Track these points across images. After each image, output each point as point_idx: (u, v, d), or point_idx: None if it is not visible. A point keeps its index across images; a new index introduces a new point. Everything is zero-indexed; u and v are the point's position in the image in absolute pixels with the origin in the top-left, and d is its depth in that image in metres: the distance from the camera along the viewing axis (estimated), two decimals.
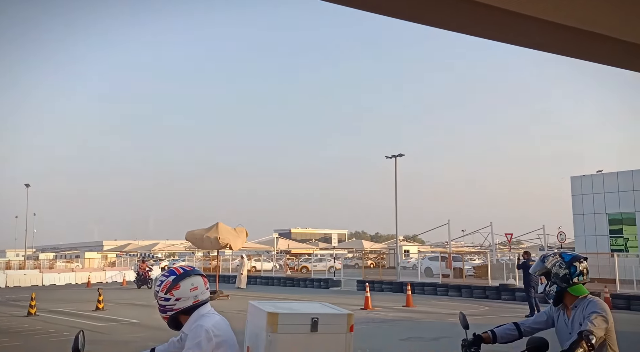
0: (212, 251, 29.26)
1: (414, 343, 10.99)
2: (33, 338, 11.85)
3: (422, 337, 11.76)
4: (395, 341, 11.16)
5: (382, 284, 26.22)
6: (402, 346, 10.68)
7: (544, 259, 3.44)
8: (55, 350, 9.93)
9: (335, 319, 2.85)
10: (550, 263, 3.37)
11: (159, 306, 2.88)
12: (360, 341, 10.68)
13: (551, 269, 3.35)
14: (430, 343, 10.83)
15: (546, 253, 3.52)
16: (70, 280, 34.44)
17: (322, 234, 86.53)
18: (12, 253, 67.18)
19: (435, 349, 10.19)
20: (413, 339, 11.45)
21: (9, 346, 10.96)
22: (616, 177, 27.22)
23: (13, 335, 12.34)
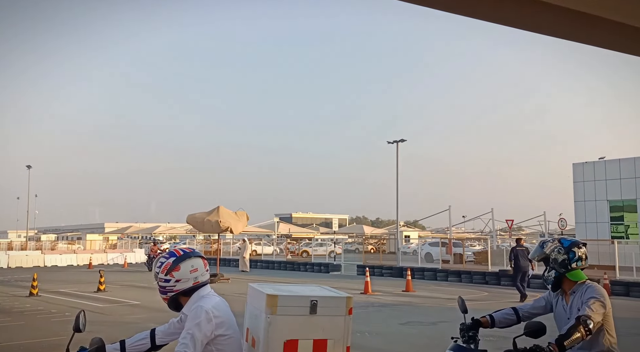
0: (212, 234, 29.33)
1: (413, 327, 11.06)
2: (35, 318, 11.94)
3: (421, 321, 11.84)
4: (394, 325, 11.24)
5: (382, 269, 26.35)
6: (401, 329, 10.75)
7: (543, 245, 3.44)
8: (57, 330, 10.01)
9: (334, 301, 2.86)
10: (549, 249, 3.37)
11: (159, 287, 2.89)
12: (360, 324, 10.75)
13: (550, 254, 3.35)
14: (429, 327, 10.91)
15: (545, 239, 3.52)
16: (71, 261, 34.66)
17: (323, 218, 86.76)
18: (14, 234, 67.56)
19: (434, 333, 10.27)
20: (412, 323, 11.53)
21: (11, 325, 11.06)
22: (618, 164, 27.15)
23: (15, 315, 12.45)
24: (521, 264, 15.67)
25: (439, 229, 48.81)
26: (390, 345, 9.06)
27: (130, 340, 2.97)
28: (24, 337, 9.63)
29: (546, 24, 1.71)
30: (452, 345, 3.35)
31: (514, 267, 15.88)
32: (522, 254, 15.82)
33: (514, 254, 16.01)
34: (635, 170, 26.26)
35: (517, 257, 15.79)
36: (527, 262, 15.66)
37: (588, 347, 3.22)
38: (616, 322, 3.29)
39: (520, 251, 15.97)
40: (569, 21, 1.62)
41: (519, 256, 15.79)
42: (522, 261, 15.69)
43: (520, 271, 15.70)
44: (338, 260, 31.63)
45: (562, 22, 1.66)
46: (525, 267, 15.77)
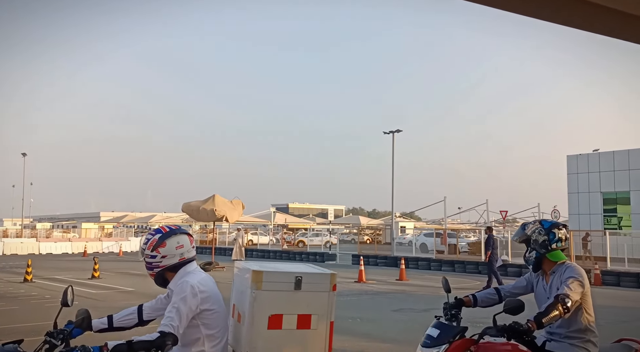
0: (208, 223, 29.40)
1: (405, 314, 11.18)
2: (29, 303, 12.01)
3: (413, 308, 11.96)
4: (387, 312, 11.35)
5: (377, 259, 26.49)
6: (392, 316, 10.87)
7: (524, 227, 3.51)
8: (51, 314, 10.06)
9: (318, 278, 2.92)
10: (530, 230, 3.44)
11: (146, 263, 2.94)
12: (352, 311, 10.87)
13: (531, 235, 3.42)
14: (421, 314, 11.02)
15: (526, 221, 3.59)
16: (66, 249, 34.70)
17: (320, 209, 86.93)
18: (10, 222, 67.41)
19: (425, 319, 10.37)
20: (404, 310, 11.65)
21: (5, 310, 11.12)
22: (612, 156, 27.26)
23: (9, 300, 12.51)
24: (494, 252, 16.25)
25: (434, 220, 49.03)
26: (382, 330, 9.16)
27: (118, 315, 3.03)
28: (17, 321, 9.68)
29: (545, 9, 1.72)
30: (434, 322, 3.43)
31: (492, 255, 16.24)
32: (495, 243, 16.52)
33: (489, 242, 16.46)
34: (629, 163, 26.39)
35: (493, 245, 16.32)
36: (497, 250, 16.44)
37: (567, 326, 3.30)
38: (607, 311, 3.38)
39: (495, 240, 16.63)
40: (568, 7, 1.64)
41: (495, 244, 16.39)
42: (494, 249, 16.34)
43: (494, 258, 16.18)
44: (334, 250, 31.77)
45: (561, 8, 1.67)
46: (497, 255, 16.43)
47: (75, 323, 2.76)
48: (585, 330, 3.29)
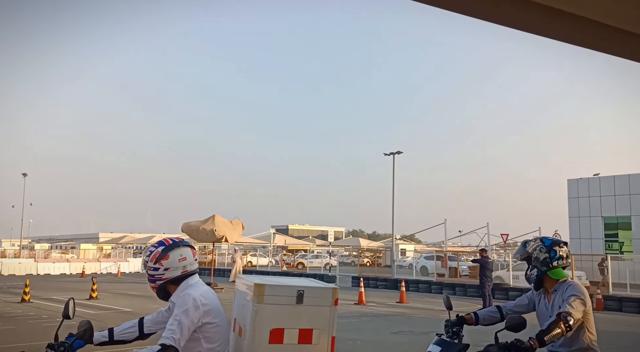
0: (208, 244, 29.23)
1: (405, 336, 11.07)
2: (26, 323, 11.91)
3: (414, 331, 11.85)
4: (387, 334, 11.24)
5: (377, 281, 26.32)
6: (392, 338, 10.76)
7: (525, 244, 3.51)
8: (49, 334, 9.97)
9: (320, 292, 2.91)
10: (531, 247, 3.44)
11: (148, 275, 2.94)
12: (352, 333, 10.76)
13: (532, 253, 3.42)
14: (421, 337, 10.91)
15: (527, 239, 3.60)
16: (64, 270, 34.49)
17: (319, 231, 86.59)
18: (8, 243, 67.09)
19: (425, 342, 10.27)
20: (405, 333, 11.54)
21: (2, 329, 11.02)
22: (613, 180, 27.29)
23: (6, 320, 12.40)
24: (488, 274, 16.10)
25: (435, 242, 48.80)
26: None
27: (119, 328, 3.02)
28: (14, 341, 9.60)
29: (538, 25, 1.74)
30: (436, 339, 3.41)
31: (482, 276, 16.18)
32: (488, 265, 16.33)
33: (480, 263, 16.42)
34: (629, 187, 26.40)
35: (485, 267, 16.19)
36: (491, 273, 16.28)
37: (568, 344, 3.28)
38: (609, 336, 3.37)
39: (489, 262, 16.47)
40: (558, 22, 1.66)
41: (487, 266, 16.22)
42: (489, 271, 16.17)
43: (486, 280, 16.05)
44: (333, 272, 31.57)
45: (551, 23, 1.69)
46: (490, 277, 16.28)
47: (77, 335, 2.75)
48: (587, 349, 3.27)
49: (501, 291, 21.09)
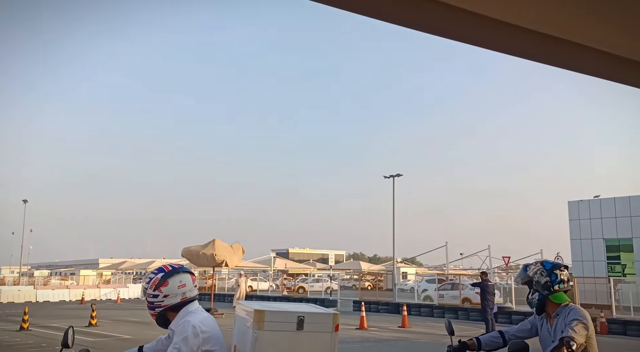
0: (208, 269, 29.04)
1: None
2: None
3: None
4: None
5: (379, 305, 26.09)
6: None
7: (526, 268, 3.50)
8: None
9: (321, 317, 2.90)
10: (532, 271, 3.43)
11: (148, 302, 2.92)
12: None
13: (533, 277, 3.41)
14: None
15: (528, 262, 3.59)
16: (64, 297, 34.19)
17: (320, 254, 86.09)
18: (7, 270, 66.67)
19: None
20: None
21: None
22: (613, 202, 27.24)
23: (5, 349, 12.26)
24: (489, 298, 15.76)
25: (436, 266, 48.49)
26: None
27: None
28: None
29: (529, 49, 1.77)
30: None
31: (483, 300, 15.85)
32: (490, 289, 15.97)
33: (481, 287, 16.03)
34: (630, 209, 26.34)
35: (486, 291, 15.80)
36: (492, 296, 15.94)
37: None
38: None
39: (489, 285, 16.08)
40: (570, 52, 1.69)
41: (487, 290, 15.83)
42: (490, 295, 15.82)
43: (488, 304, 15.72)
44: (334, 296, 31.30)
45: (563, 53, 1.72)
46: (492, 301, 15.93)
47: None
48: None
49: (504, 315, 20.89)
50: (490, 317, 15.71)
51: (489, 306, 15.73)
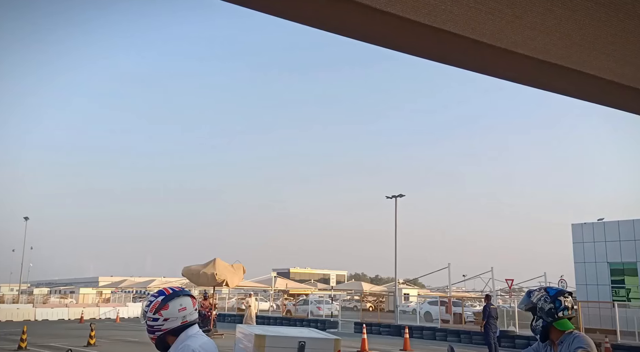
0: (208, 289, 28.79)
1: None
2: None
3: None
4: None
5: (380, 327, 25.82)
6: None
7: (529, 294, 3.47)
8: None
9: (322, 343, 2.87)
10: (535, 298, 3.39)
11: (147, 326, 2.89)
12: None
13: (537, 303, 3.37)
14: None
15: (532, 288, 3.55)
16: (63, 315, 33.94)
17: (321, 274, 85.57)
18: (7, 288, 66.38)
19: None
20: None
21: None
22: (617, 226, 27.07)
23: None
24: (492, 322, 15.69)
25: (438, 287, 48.10)
26: None
27: None
28: None
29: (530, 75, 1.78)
30: None
31: (486, 324, 15.74)
32: (493, 312, 15.91)
33: (484, 311, 15.99)
34: (634, 233, 26.14)
35: (489, 315, 15.74)
36: (495, 320, 15.91)
37: None
38: None
39: (492, 309, 16.04)
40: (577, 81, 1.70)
41: (491, 314, 15.78)
42: (493, 319, 15.78)
43: (491, 328, 15.66)
44: (335, 317, 31.01)
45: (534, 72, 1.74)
46: (495, 325, 15.87)
47: None
48: None
49: (508, 339, 20.64)
50: (493, 341, 15.58)
51: (492, 329, 15.62)
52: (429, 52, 1.64)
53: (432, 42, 1.55)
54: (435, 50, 1.61)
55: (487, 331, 15.67)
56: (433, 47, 1.59)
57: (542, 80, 1.80)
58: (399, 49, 1.63)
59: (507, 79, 1.85)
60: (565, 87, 1.83)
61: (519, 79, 1.83)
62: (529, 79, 1.82)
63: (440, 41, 1.51)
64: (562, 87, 1.84)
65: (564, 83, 1.79)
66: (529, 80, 1.82)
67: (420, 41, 1.54)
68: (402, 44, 1.58)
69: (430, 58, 1.67)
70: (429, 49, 1.61)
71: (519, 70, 1.71)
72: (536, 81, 1.82)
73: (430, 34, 1.47)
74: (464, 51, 1.60)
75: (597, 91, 1.82)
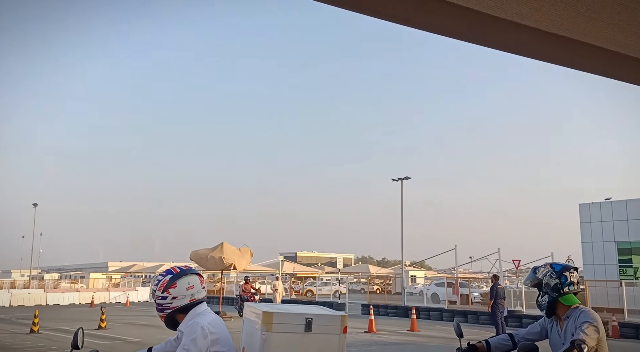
0: (216, 272, 29.06)
1: None
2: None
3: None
4: None
5: (388, 309, 26.00)
6: None
7: (535, 270, 3.48)
8: None
9: (329, 319, 2.89)
10: (541, 273, 3.40)
11: (157, 305, 2.94)
12: None
13: (542, 279, 3.38)
14: None
15: (537, 265, 3.56)
16: (74, 300, 34.39)
17: (328, 258, 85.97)
18: (18, 273, 67.25)
19: None
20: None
21: None
22: (625, 205, 26.99)
23: (16, 351, 12.34)
24: (499, 301, 15.91)
25: (445, 269, 48.26)
26: None
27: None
28: None
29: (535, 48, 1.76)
30: None
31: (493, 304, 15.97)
32: (500, 292, 16.11)
33: (491, 291, 16.23)
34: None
35: (497, 294, 15.95)
36: (503, 300, 16.18)
37: None
38: None
39: (501, 289, 16.26)
40: (550, 44, 1.68)
41: (499, 293, 15.99)
42: (499, 299, 15.97)
43: (498, 307, 15.88)
44: (343, 299, 31.25)
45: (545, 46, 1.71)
46: (502, 304, 16.10)
47: None
48: None
49: (515, 319, 20.75)
50: (500, 320, 15.72)
51: (499, 309, 15.78)
52: (429, 23, 1.61)
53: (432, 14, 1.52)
54: (437, 22, 1.59)
55: (495, 311, 15.82)
56: (433, 18, 1.56)
57: (547, 53, 1.78)
58: (398, 22, 1.60)
59: (511, 52, 1.82)
60: (571, 59, 1.81)
61: (524, 52, 1.80)
62: (534, 51, 1.80)
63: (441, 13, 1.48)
64: (567, 59, 1.82)
65: (569, 55, 1.76)
66: (533, 52, 1.80)
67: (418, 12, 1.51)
68: (397, 15, 1.55)
69: (432, 31, 1.65)
70: (429, 21, 1.59)
71: (523, 43, 1.69)
72: (541, 54, 1.80)
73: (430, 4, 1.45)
74: (466, 23, 1.58)
75: (602, 63, 1.79)
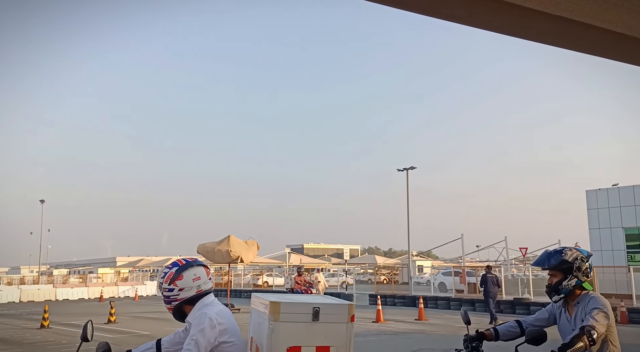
0: (224, 265, 29.17)
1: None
2: (45, 349, 11.96)
3: (434, 349, 11.66)
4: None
5: (395, 298, 26.05)
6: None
7: (561, 252, 3.37)
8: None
9: (336, 308, 2.89)
10: (570, 256, 3.33)
11: (164, 297, 2.95)
12: (372, 351, 10.63)
13: (574, 263, 3.33)
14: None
15: (563, 247, 3.48)
16: (83, 295, 34.69)
17: (335, 249, 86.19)
18: (27, 269, 67.76)
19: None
20: (424, 350, 11.37)
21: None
22: (632, 191, 26.85)
23: (26, 346, 12.46)
24: (490, 290, 16.96)
25: (452, 258, 48.32)
26: None
27: (137, 350, 3.02)
28: None
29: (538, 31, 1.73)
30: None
31: (486, 293, 17.16)
32: (491, 281, 17.13)
33: (483, 280, 17.36)
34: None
35: (486, 283, 17.07)
36: (495, 288, 17.26)
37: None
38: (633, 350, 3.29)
39: (490, 278, 17.21)
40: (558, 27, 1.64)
41: (488, 282, 17.05)
42: (491, 286, 16.99)
43: (491, 296, 17.00)
44: (350, 290, 31.34)
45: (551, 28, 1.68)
46: (494, 293, 17.18)
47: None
48: None
49: (522, 306, 20.76)
50: (491, 307, 16.81)
51: (490, 296, 16.90)
52: (431, 8, 1.58)
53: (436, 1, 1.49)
54: (440, 6, 1.56)
55: (486, 298, 17.04)
56: (437, 2, 1.53)
57: (551, 36, 1.74)
58: (404, 8, 1.58)
59: (515, 36, 1.79)
60: (575, 41, 1.77)
61: (528, 35, 1.77)
62: (539, 34, 1.77)
63: None
64: (572, 41, 1.78)
65: (574, 37, 1.73)
66: (538, 35, 1.77)
67: None
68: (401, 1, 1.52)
69: (435, 15, 1.62)
70: (432, 4, 1.56)
71: (527, 26, 1.66)
72: (546, 36, 1.77)
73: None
74: (470, 6, 1.55)
75: (608, 45, 1.76)
